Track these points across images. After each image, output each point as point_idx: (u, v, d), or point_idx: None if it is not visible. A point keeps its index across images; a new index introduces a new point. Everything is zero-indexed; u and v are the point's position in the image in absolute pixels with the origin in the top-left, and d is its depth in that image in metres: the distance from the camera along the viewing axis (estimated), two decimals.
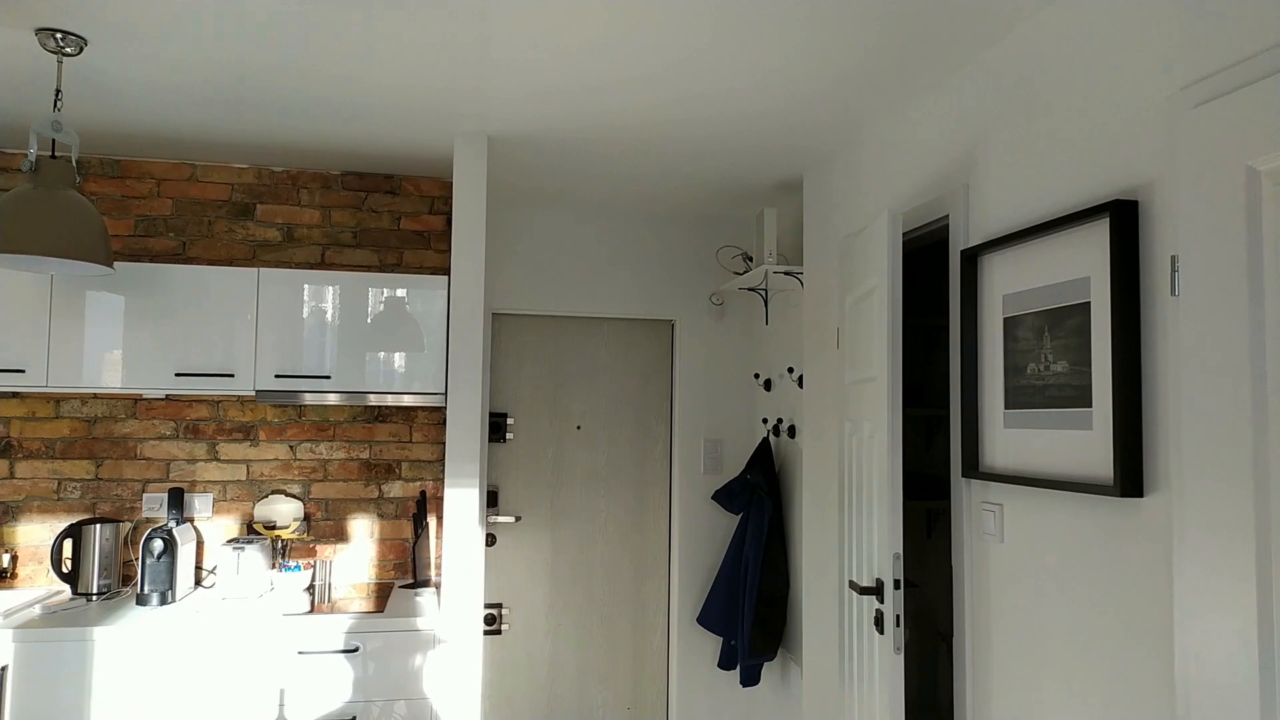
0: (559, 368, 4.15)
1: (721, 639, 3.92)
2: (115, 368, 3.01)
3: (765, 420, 4.01)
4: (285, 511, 3.42)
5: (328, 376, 3.12)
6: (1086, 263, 1.82)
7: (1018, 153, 2.11)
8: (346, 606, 3.02)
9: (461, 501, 2.92)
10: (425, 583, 3.36)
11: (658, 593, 4.17)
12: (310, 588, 3.19)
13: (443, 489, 3.00)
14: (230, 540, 3.16)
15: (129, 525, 3.33)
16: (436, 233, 3.62)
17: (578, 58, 2.35)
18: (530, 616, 4.05)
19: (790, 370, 3.72)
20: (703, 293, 4.21)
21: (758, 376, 4.16)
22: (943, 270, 3.53)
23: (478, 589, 2.93)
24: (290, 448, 3.46)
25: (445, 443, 2.92)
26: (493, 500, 4.03)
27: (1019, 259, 2.05)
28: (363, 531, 3.49)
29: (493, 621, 4.01)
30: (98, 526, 3.12)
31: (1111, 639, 1.75)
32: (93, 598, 3.09)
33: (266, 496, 3.42)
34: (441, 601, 2.92)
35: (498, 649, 4.02)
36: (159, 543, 2.97)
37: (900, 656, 2.23)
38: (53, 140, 2.46)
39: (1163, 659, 1.62)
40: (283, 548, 3.35)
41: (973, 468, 2.20)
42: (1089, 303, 1.80)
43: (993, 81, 2.22)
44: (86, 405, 3.33)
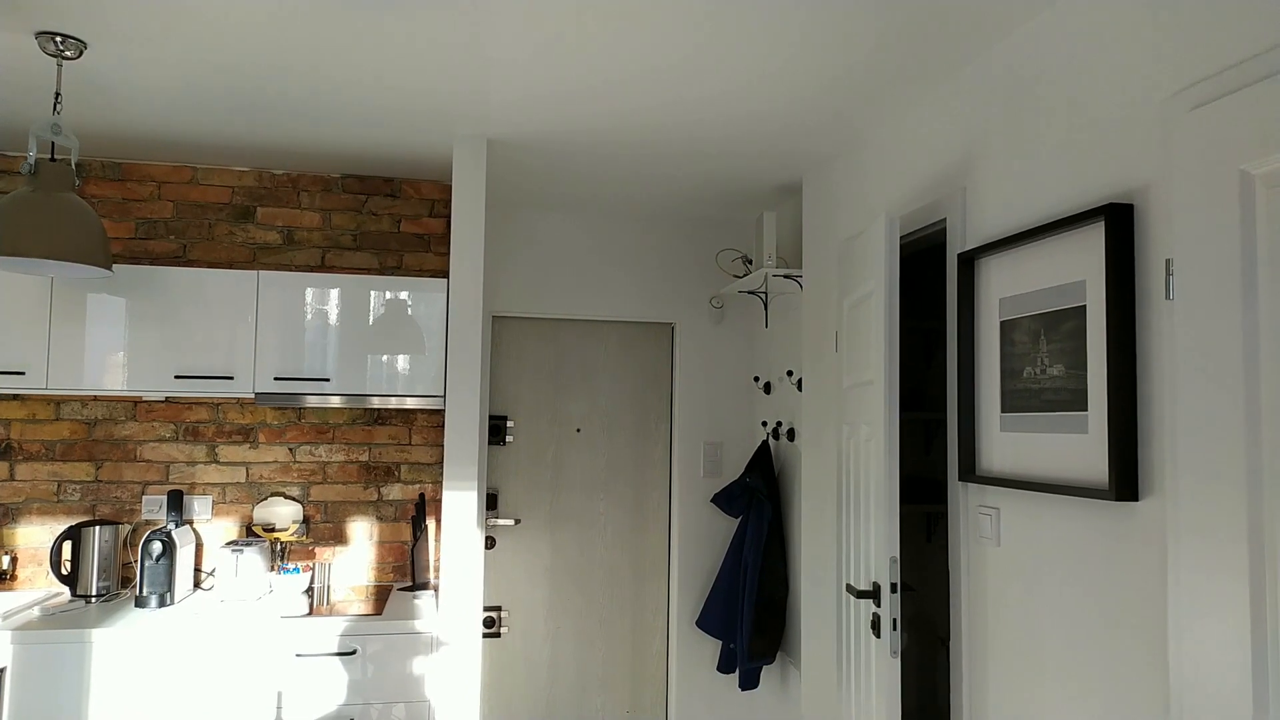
0: (559, 371, 4.16)
1: (721, 642, 3.92)
2: (115, 370, 3.02)
3: (765, 423, 4.01)
4: (284, 514, 3.43)
5: (327, 379, 3.13)
6: (1082, 266, 1.82)
7: (1014, 156, 2.11)
8: (345, 609, 3.02)
9: (460, 504, 2.92)
10: (424, 585, 3.36)
11: (657, 596, 4.17)
12: (309, 590, 3.20)
13: (442, 492, 3.00)
14: (229, 542, 3.16)
15: (128, 527, 3.33)
16: (436, 235, 3.63)
17: (575, 59, 2.36)
18: (529, 619, 4.05)
19: (790, 373, 3.72)
20: (703, 296, 4.21)
21: (757, 379, 4.16)
22: (942, 274, 3.52)
23: (477, 592, 2.93)
24: (290, 450, 3.46)
25: (445, 445, 2.92)
26: (492, 503, 4.04)
27: (1015, 262, 2.05)
28: (362, 534, 3.49)
29: (492, 624, 4.01)
30: (97, 528, 3.12)
31: (1107, 641, 1.75)
32: (92, 600, 3.09)
33: (266, 499, 3.43)
34: (440, 604, 2.92)
35: (497, 652, 4.02)
36: (158, 545, 2.98)
37: (897, 660, 2.22)
38: (52, 143, 2.48)
39: (1157, 661, 1.61)
40: (282, 550, 3.35)
41: (969, 471, 2.20)
42: (1085, 306, 1.80)
43: (990, 85, 2.22)
44: (87, 407, 3.34)
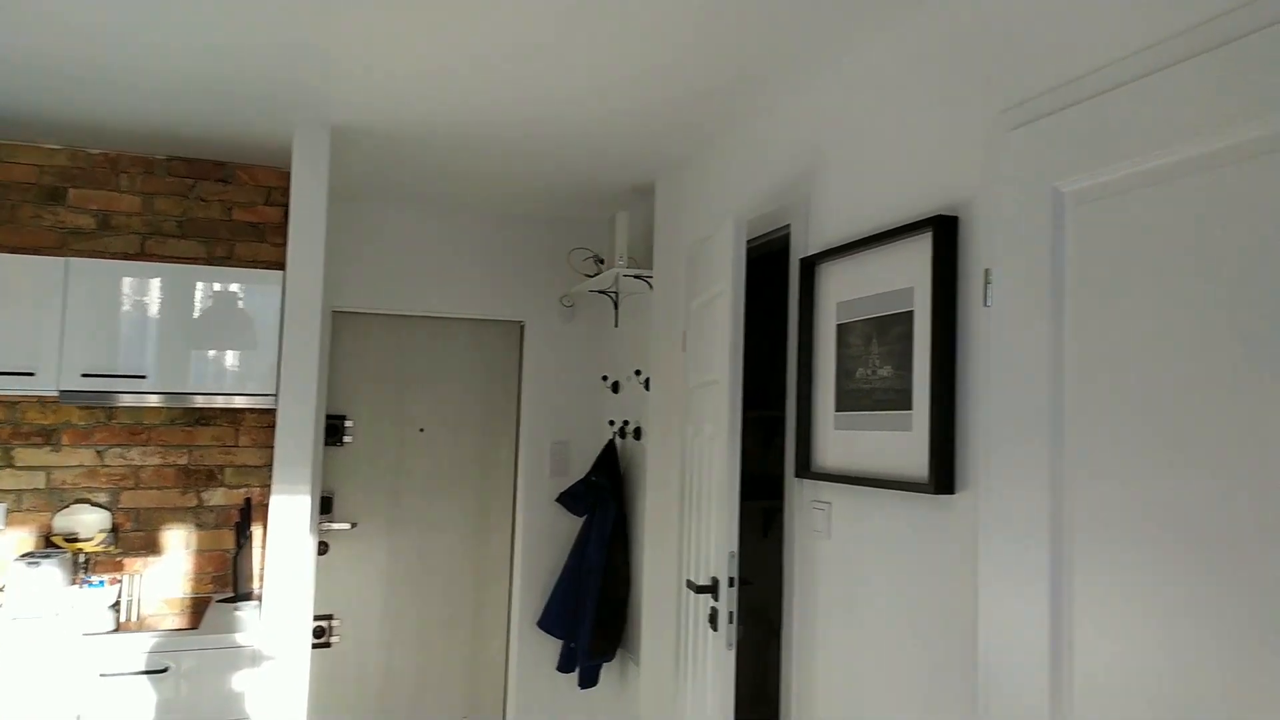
0: (403, 369, 4.02)
1: (561, 642, 3.90)
2: None
3: (612, 422, 4.02)
4: (89, 522, 3.13)
5: (144, 376, 2.89)
6: (911, 274, 1.91)
7: (853, 167, 2.20)
8: (157, 624, 2.80)
9: (291, 508, 2.76)
10: (247, 596, 3.15)
11: (499, 597, 4.10)
12: (116, 604, 2.93)
13: (270, 496, 2.82)
14: (24, 555, 2.86)
15: None
16: (272, 225, 3.42)
17: (427, 40, 2.25)
18: (363, 626, 3.89)
19: (638, 373, 3.75)
20: (553, 294, 4.18)
21: (606, 379, 4.17)
22: (787, 278, 3.64)
23: (306, 600, 2.78)
24: (98, 453, 3.17)
25: (275, 447, 2.76)
26: (327, 506, 3.85)
27: (852, 268, 2.14)
28: (178, 543, 3.24)
29: (322, 634, 3.82)
30: None
31: (925, 627, 1.84)
32: None
33: (68, 506, 3.12)
34: (264, 615, 2.75)
35: (327, 662, 3.83)
36: None
37: (732, 652, 2.27)
38: None
39: (970, 646, 1.72)
40: (86, 561, 3.06)
41: (805, 468, 2.27)
42: (912, 311, 1.90)
43: (832, 98, 2.31)
44: None
